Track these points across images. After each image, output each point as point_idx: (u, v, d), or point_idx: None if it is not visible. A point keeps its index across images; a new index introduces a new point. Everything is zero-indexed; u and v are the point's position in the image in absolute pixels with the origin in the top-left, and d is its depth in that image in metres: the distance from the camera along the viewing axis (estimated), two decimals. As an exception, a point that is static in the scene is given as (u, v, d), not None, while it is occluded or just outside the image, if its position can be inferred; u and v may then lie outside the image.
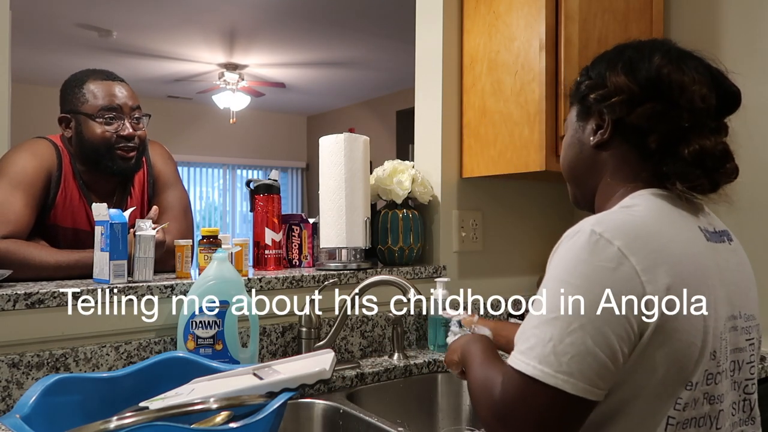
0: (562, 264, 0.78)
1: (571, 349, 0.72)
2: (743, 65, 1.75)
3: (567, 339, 0.72)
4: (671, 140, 0.85)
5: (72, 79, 1.58)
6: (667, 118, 0.84)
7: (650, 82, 0.86)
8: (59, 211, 1.53)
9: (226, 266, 1.28)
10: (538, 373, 0.73)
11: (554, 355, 0.72)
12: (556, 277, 0.77)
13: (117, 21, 4.95)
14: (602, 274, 0.74)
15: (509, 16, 1.67)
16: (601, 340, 0.72)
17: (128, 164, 1.55)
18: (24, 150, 1.52)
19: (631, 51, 0.91)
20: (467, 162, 1.80)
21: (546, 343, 0.73)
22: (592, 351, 0.72)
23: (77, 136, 1.53)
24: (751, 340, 0.86)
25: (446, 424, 1.54)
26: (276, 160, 8.69)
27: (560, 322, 0.73)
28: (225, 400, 0.91)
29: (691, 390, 0.77)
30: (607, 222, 0.78)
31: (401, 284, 1.37)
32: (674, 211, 0.84)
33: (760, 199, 1.70)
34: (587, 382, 0.72)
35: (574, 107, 0.98)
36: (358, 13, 4.80)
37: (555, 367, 0.72)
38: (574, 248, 0.77)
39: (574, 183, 1.01)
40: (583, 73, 0.97)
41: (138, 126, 1.57)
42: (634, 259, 0.74)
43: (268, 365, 1.09)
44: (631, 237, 0.76)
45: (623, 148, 0.89)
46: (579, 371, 0.72)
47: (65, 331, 1.20)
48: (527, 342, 0.75)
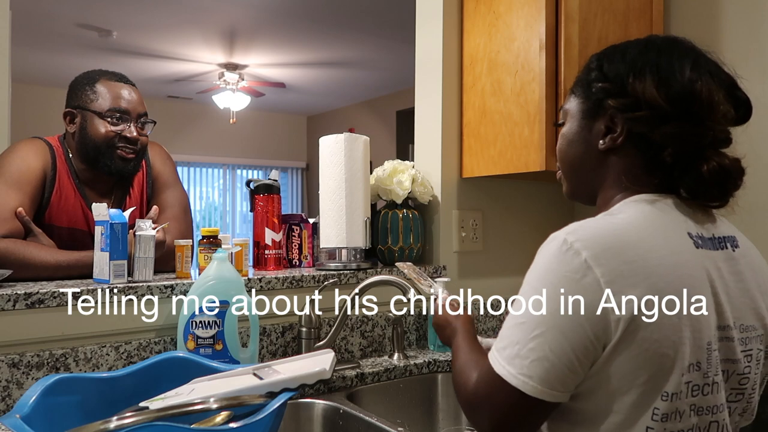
0: (534, 269, 0.80)
1: (531, 353, 0.76)
2: (743, 65, 1.74)
3: (530, 344, 0.76)
4: (688, 156, 0.82)
5: (84, 76, 1.59)
6: (690, 137, 0.82)
7: (682, 99, 0.81)
8: (54, 211, 1.53)
9: (226, 266, 1.28)
10: (504, 372, 0.77)
11: (519, 357, 0.76)
12: (529, 282, 0.80)
13: (117, 21, 4.95)
14: (566, 283, 0.75)
15: (509, 16, 1.67)
16: (559, 348, 0.75)
17: (126, 165, 1.56)
18: (19, 150, 1.52)
19: (658, 56, 0.85)
20: (467, 162, 1.80)
21: (514, 345, 0.77)
22: (550, 357, 0.75)
23: (80, 131, 1.54)
24: (748, 352, 0.82)
25: (446, 424, 1.54)
26: (276, 160, 8.69)
27: (526, 327, 0.77)
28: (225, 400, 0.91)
29: (668, 401, 0.75)
30: (581, 231, 0.78)
31: (401, 284, 1.36)
32: (663, 218, 0.82)
33: (760, 200, 1.70)
34: (546, 385, 0.75)
35: (579, 100, 0.93)
36: (358, 13, 4.80)
37: (518, 369, 0.76)
38: (546, 255, 0.79)
39: (574, 179, 0.97)
40: (595, 68, 0.91)
41: (142, 131, 1.58)
42: (599, 271, 0.74)
43: (268, 365, 1.09)
44: (601, 248, 0.76)
45: (633, 154, 0.86)
46: (538, 375, 0.75)
47: (65, 331, 1.20)
48: (502, 341, 0.80)
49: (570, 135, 0.94)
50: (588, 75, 0.92)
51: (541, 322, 0.76)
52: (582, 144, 0.92)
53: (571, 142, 0.94)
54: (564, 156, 0.97)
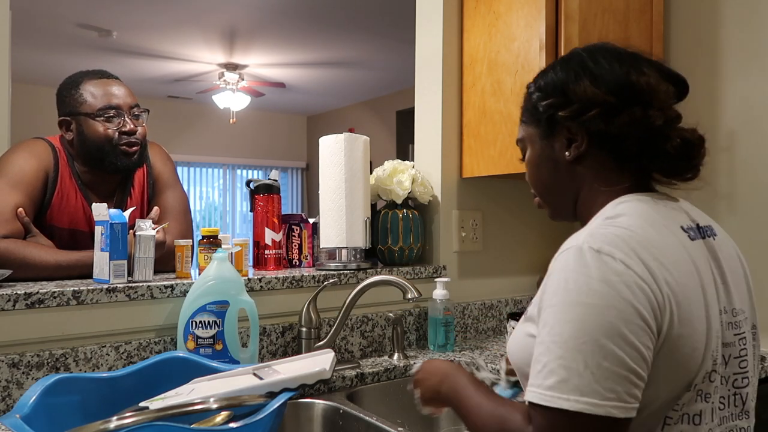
0: (569, 285, 0.74)
1: (611, 373, 0.69)
2: (743, 65, 1.75)
3: (604, 363, 0.69)
4: (650, 140, 0.86)
5: (67, 82, 1.58)
6: (644, 121, 0.85)
7: (623, 89, 0.86)
8: (55, 212, 1.53)
9: (226, 266, 1.28)
10: (582, 407, 0.69)
11: (596, 383, 0.69)
12: (568, 300, 0.73)
13: (117, 21, 4.95)
14: (616, 287, 0.72)
15: (509, 16, 1.67)
16: (636, 353, 0.71)
17: (131, 160, 1.55)
18: (21, 150, 1.52)
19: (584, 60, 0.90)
20: (467, 162, 1.80)
21: (582, 373, 0.69)
22: (632, 368, 0.70)
23: (79, 137, 1.53)
24: (741, 335, 0.86)
25: (446, 424, 1.54)
26: (276, 160, 8.70)
27: (591, 347, 0.70)
28: (225, 400, 0.91)
29: (690, 391, 0.78)
30: (600, 236, 0.77)
31: (401, 284, 1.36)
32: (658, 215, 0.84)
33: (760, 199, 1.70)
34: (632, 400, 0.70)
35: (531, 126, 0.96)
36: (358, 13, 4.80)
37: (601, 396, 0.69)
38: (577, 267, 0.75)
39: (553, 199, 0.99)
40: (534, 90, 0.95)
41: (138, 122, 1.57)
42: (638, 269, 0.74)
43: (268, 365, 1.09)
44: (628, 248, 0.76)
45: (600, 156, 0.89)
46: (625, 392, 0.70)
47: (65, 331, 1.20)
48: (555, 375, 0.71)
49: (535, 160, 0.97)
50: (530, 100, 0.96)
51: (606, 335, 0.70)
52: (549, 163, 0.95)
53: (538, 166, 0.97)
54: (537, 181, 1.00)
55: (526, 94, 0.98)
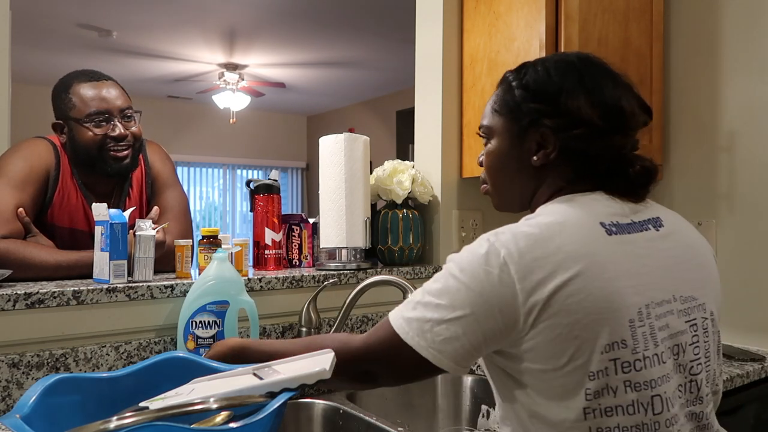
0: (459, 260, 0.86)
1: (445, 332, 0.84)
2: (743, 65, 1.75)
3: (444, 324, 0.84)
4: (618, 164, 0.91)
5: (59, 85, 1.56)
6: (620, 147, 0.91)
7: (612, 115, 0.90)
8: (56, 211, 1.53)
9: (226, 266, 1.28)
10: (411, 341, 0.86)
11: (431, 333, 0.85)
12: (450, 270, 0.86)
13: (117, 21, 4.95)
14: (485, 276, 0.82)
15: (509, 16, 1.67)
16: (471, 332, 0.83)
17: (122, 164, 1.54)
18: (22, 149, 1.52)
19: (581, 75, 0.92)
20: (467, 162, 1.80)
21: (426, 321, 0.85)
22: (462, 339, 0.83)
23: (71, 141, 1.53)
24: (692, 321, 0.88)
25: (446, 424, 1.54)
26: (276, 160, 8.70)
27: (442, 309, 0.84)
28: (225, 400, 0.91)
29: (596, 380, 0.80)
30: (502, 233, 0.85)
31: (401, 284, 1.37)
32: (576, 213, 0.87)
33: (760, 199, 1.70)
34: (452, 361, 0.85)
35: (505, 119, 0.98)
36: (358, 13, 4.80)
37: (429, 343, 0.85)
38: (473, 250, 0.86)
39: (503, 193, 1.03)
40: (517, 86, 0.96)
41: (129, 124, 1.55)
42: (513, 267, 0.81)
43: (268, 365, 1.09)
44: (516, 247, 0.82)
45: (564, 165, 0.93)
46: (448, 352, 0.84)
47: (65, 331, 1.20)
48: (414, 311, 0.87)
49: (499, 153, 1.00)
50: (511, 94, 0.97)
51: (458, 307, 0.83)
52: (514, 161, 0.98)
53: (501, 159, 1.00)
54: (495, 173, 1.02)
55: (506, 85, 0.99)
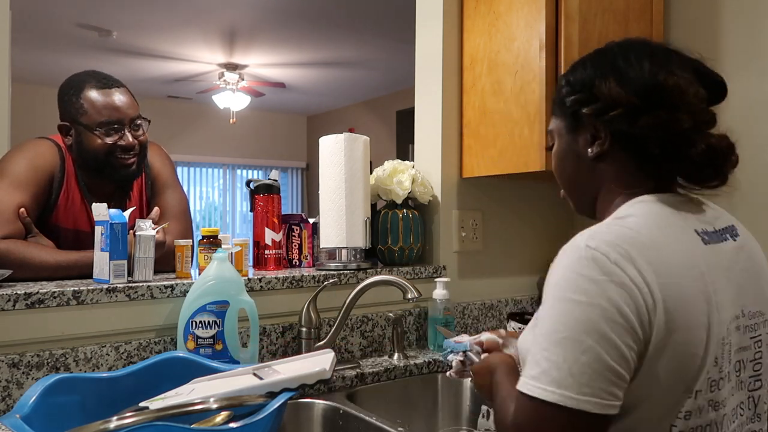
0: (562, 281, 0.76)
1: (588, 368, 0.71)
2: (743, 65, 1.75)
3: (582, 358, 0.71)
4: (674, 144, 0.84)
5: (69, 85, 1.54)
6: (669, 125, 0.83)
7: (648, 91, 0.84)
8: (61, 213, 1.53)
9: (226, 266, 1.28)
10: (558, 398, 0.71)
11: (572, 376, 0.71)
12: (558, 296, 0.76)
13: (117, 21, 4.95)
14: (603, 287, 0.73)
15: (509, 16, 1.67)
16: (615, 352, 0.72)
17: (129, 171, 1.54)
18: (26, 150, 1.51)
19: (615, 58, 0.89)
20: (467, 162, 1.80)
21: (560, 366, 0.72)
22: (609, 365, 0.71)
23: (77, 145, 1.52)
24: (757, 338, 0.85)
25: (446, 424, 1.54)
26: (276, 160, 8.69)
27: (571, 342, 0.72)
28: (225, 400, 0.91)
29: (693, 399, 0.77)
30: (600, 236, 0.78)
31: (401, 284, 1.36)
32: (670, 217, 0.83)
33: (760, 199, 1.70)
34: (609, 398, 0.71)
35: (559, 119, 0.96)
36: (358, 13, 4.80)
37: (576, 389, 0.71)
38: (571, 264, 0.77)
39: (575, 193, 0.99)
40: (564, 84, 0.95)
41: (137, 133, 1.54)
42: (631, 272, 0.74)
43: (268, 365, 1.09)
44: (624, 249, 0.76)
45: (622, 156, 0.89)
46: (600, 388, 0.71)
47: (65, 331, 1.20)
48: (538, 366, 0.74)
49: (560, 153, 0.98)
50: (559, 93, 0.96)
51: (587, 332, 0.72)
52: (573, 158, 0.95)
53: (563, 159, 0.98)
54: (561, 174, 1.00)
55: (558, 86, 0.98)
